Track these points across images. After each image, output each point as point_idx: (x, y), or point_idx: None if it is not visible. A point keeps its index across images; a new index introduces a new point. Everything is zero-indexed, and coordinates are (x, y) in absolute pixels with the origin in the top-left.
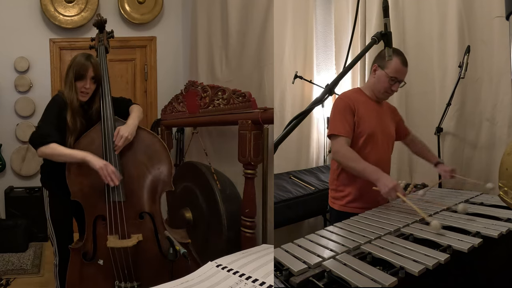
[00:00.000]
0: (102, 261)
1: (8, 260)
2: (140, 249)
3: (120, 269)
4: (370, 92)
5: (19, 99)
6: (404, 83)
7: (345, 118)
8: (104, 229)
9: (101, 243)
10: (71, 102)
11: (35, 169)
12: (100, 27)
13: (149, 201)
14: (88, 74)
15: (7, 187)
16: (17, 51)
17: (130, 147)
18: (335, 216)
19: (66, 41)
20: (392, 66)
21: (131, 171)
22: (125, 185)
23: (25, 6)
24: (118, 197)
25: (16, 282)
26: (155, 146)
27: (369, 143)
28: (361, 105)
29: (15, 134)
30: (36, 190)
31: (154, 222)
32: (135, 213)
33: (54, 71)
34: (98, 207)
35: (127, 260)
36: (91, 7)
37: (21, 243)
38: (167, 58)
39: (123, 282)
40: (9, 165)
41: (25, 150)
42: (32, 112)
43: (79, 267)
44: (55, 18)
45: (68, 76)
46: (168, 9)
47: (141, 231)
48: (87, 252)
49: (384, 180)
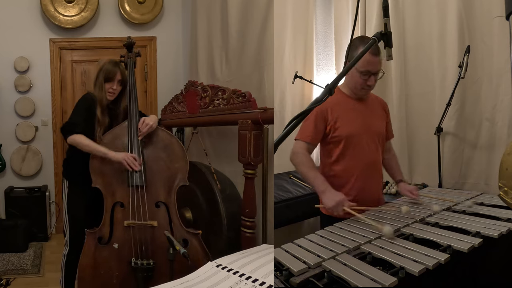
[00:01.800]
0: (117, 245)
1: (8, 260)
2: (154, 235)
3: (137, 247)
4: (348, 90)
5: (19, 99)
6: (382, 74)
7: (314, 124)
8: (121, 215)
9: (117, 227)
10: (101, 100)
11: (35, 169)
12: (129, 47)
13: (165, 192)
14: (116, 77)
15: (7, 187)
16: (17, 51)
17: (151, 145)
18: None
19: (66, 41)
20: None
21: (151, 165)
22: (145, 173)
23: (25, 6)
24: (140, 181)
25: (16, 282)
26: (173, 145)
27: (351, 146)
28: (338, 107)
29: (15, 134)
30: (36, 190)
31: (169, 212)
32: (152, 201)
33: (54, 71)
34: (117, 194)
35: (145, 239)
36: (91, 7)
37: (21, 243)
38: (167, 58)
39: (139, 259)
40: (9, 165)
41: (25, 150)
42: (32, 112)
43: (93, 250)
44: (55, 18)
45: (98, 78)
46: (168, 9)
47: (156, 219)
48: (102, 236)
49: (331, 194)
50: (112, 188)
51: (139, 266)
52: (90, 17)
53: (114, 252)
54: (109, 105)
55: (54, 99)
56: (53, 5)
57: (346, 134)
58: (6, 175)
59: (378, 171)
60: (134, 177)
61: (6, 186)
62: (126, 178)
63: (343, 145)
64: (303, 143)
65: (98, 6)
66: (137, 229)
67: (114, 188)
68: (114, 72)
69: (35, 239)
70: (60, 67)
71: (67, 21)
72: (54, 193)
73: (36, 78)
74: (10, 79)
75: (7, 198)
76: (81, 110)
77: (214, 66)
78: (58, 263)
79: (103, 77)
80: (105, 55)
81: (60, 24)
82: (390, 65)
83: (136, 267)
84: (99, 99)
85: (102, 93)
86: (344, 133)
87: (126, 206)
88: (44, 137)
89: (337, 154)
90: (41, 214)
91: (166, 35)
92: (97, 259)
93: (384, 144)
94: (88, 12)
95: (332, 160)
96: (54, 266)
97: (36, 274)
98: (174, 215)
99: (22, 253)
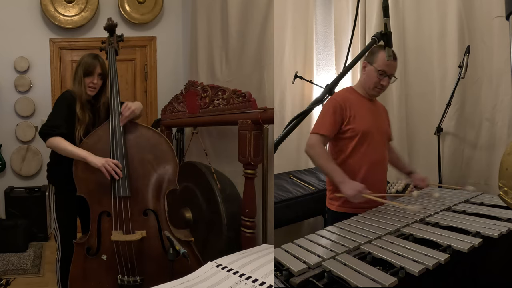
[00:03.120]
0: (106, 257)
1: (8, 260)
2: (143, 245)
3: (123, 263)
4: (362, 90)
5: (19, 99)
6: (395, 79)
7: (331, 118)
8: (108, 225)
9: (105, 238)
10: (80, 96)
11: (35, 169)
12: (111, 30)
13: (153, 199)
14: (95, 71)
15: (7, 187)
16: (17, 51)
17: (136, 145)
18: (332, 217)
19: (66, 41)
20: (380, 60)
21: (137, 169)
22: (130, 181)
23: (25, 6)
24: (123, 192)
25: (16, 282)
26: (161, 145)
27: (365, 142)
28: (354, 104)
29: (15, 134)
30: (36, 190)
31: (158, 219)
32: (140, 209)
33: (54, 71)
34: (103, 203)
35: (131, 255)
36: (91, 7)
37: (21, 243)
38: (167, 58)
39: (126, 276)
40: (9, 165)
41: (25, 150)
42: (32, 112)
43: (83, 261)
44: (55, 18)
45: (77, 73)
46: (168, 9)
47: (145, 228)
48: (91, 247)
49: (350, 184)
50: (97, 197)
51: (125, 284)
52: (90, 17)
53: (103, 264)
54: (90, 100)
55: (54, 99)
56: (53, 5)
57: (362, 130)
58: (6, 175)
59: (384, 169)
60: (117, 187)
61: (6, 186)
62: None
63: (357, 139)
64: (319, 136)
65: (98, 6)
66: (124, 244)
67: (100, 197)
68: (94, 65)
69: (35, 239)
70: (60, 67)
71: (67, 21)
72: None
73: (36, 78)
74: (10, 79)
75: (7, 198)
76: (60, 109)
77: (214, 66)
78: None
79: (82, 71)
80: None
81: (60, 24)
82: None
83: (123, 285)
84: (78, 95)
85: (82, 88)
86: (361, 128)
87: (112, 216)
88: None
89: (351, 149)
90: (41, 214)
91: (166, 35)
92: (87, 271)
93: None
94: (88, 12)
95: (344, 154)
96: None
97: (36, 274)
98: (164, 222)
99: (22, 253)
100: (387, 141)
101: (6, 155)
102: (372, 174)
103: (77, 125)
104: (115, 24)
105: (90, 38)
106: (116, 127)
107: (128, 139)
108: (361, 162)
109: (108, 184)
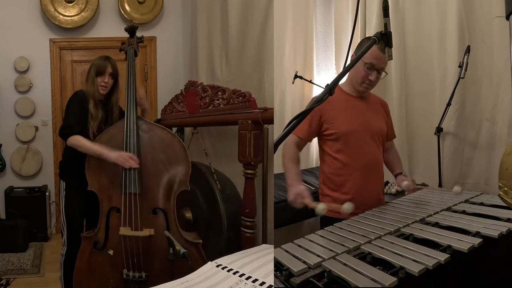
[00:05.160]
0: (112, 252)
1: (8, 260)
2: (150, 243)
3: (130, 259)
4: (350, 87)
5: (19, 99)
6: (385, 74)
7: (307, 121)
8: (117, 221)
9: (113, 234)
10: (93, 94)
11: (35, 169)
12: (132, 32)
13: (163, 198)
14: (107, 70)
15: (7, 187)
16: (17, 51)
17: (149, 145)
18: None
19: (66, 41)
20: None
21: (149, 167)
22: (141, 178)
23: (25, 6)
24: (134, 188)
25: (16, 282)
26: (174, 146)
27: (350, 143)
28: (335, 104)
29: (15, 134)
30: (36, 190)
31: (167, 219)
32: (149, 207)
33: (54, 71)
34: (113, 199)
35: (138, 251)
36: (91, 7)
37: (21, 243)
38: (167, 58)
39: (131, 271)
40: (9, 165)
41: (25, 150)
42: (32, 112)
43: (89, 255)
44: (55, 18)
45: (90, 73)
46: (168, 9)
47: (153, 227)
48: (98, 241)
49: (294, 188)
50: (108, 192)
51: (130, 278)
52: (90, 17)
53: (109, 259)
54: (102, 100)
55: (54, 99)
56: (53, 5)
57: (344, 131)
58: (6, 175)
59: (379, 171)
60: (129, 183)
61: (6, 186)
62: (121, 183)
63: (342, 142)
64: (294, 137)
65: (98, 6)
66: (131, 239)
67: (110, 193)
68: (105, 65)
69: (35, 239)
70: (60, 67)
71: (67, 21)
72: (54, 193)
73: (36, 78)
74: (10, 79)
75: (7, 198)
76: (73, 109)
77: (214, 66)
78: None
79: (94, 71)
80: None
81: (60, 24)
82: (390, 65)
83: (128, 279)
84: (91, 94)
85: (94, 87)
86: (343, 130)
87: (122, 212)
88: (44, 137)
89: (336, 151)
90: (41, 214)
91: (166, 35)
92: (92, 264)
93: (385, 143)
94: (88, 12)
95: (331, 158)
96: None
97: (36, 274)
98: (173, 223)
99: (22, 253)
100: (381, 140)
101: (6, 155)
102: (364, 177)
103: (90, 121)
104: (136, 27)
105: (90, 38)
106: (131, 124)
107: (142, 137)
108: (351, 165)
109: (119, 180)
